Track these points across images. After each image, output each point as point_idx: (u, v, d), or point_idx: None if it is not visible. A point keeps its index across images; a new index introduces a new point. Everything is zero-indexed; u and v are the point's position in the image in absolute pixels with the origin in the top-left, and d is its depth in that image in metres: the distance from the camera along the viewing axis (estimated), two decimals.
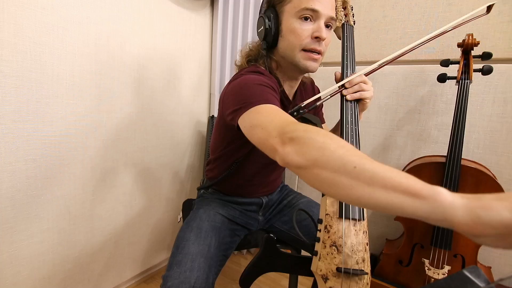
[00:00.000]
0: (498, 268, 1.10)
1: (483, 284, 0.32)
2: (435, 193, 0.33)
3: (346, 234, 0.58)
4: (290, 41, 0.71)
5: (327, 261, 0.58)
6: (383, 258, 1.13)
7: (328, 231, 0.59)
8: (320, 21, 0.69)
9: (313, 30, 0.69)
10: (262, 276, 1.44)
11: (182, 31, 1.30)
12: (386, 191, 0.35)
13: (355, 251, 0.58)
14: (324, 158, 0.40)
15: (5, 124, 0.81)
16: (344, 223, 0.59)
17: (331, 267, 0.57)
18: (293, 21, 0.69)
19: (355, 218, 0.59)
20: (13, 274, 0.90)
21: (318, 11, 0.67)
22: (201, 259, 0.68)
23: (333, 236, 0.58)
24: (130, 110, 1.13)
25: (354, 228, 0.59)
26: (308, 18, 0.69)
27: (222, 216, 0.85)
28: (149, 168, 1.26)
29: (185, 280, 0.63)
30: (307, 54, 0.70)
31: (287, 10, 0.71)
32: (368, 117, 1.34)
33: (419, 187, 0.34)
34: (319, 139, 0.42)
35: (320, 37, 0.69)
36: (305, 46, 0.70)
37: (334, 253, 0.58)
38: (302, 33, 0.69)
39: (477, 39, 0.96)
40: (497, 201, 0.30)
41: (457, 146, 0.95)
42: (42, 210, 0.93)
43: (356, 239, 0.59)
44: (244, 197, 0.93)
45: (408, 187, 0.34)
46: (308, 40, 0.69)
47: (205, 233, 0.75)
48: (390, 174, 0.36)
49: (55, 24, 0.88)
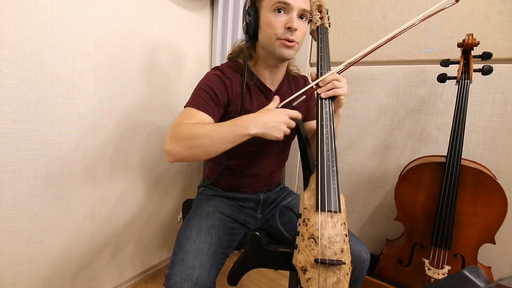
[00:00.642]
0: (498, 268, 1.10)
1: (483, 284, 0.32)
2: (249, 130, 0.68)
3: (323, 226, 0.61)
4: (267, 32, 0.79)
5: (306, 253, 0.60)
6: (383, 258, 1.13)
7: (306, 224, 0.62)
8: (293, 13, 0.76)
9: (286, 21, 0.76)
10: (262, 276, 1.44)
11: (182, 31, 1.30)
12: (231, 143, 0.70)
13: (332, 242, 0.60)
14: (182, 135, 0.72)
15: (5, 124, 0.81)
16: (321, 216, 0.61)
17: (309, 259, 0.59)
18: (269, 14, 0.77)
19: (331, 210, 0.62)
20: (13, 274, 0.90)
21: (290, 4, 0.75)
22: (203, 257, 0.69)
23: (311, 228, 0.61)
24: (130, 110, 1.13)
25: (332, 220, 0.62)
26: (281, 10, 0.76)
27: (221, 214, 0.86)
28: (149, 168, 1.26)
29: (188, 277, 0.64)
30: (281, 42, 0.78)
31: (264, 5, 0.78)
32: (368, 117, 1.34)
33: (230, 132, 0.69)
34: (182, 130, 0.72)
35: (291, 27, 0.75)
36: (280, 36, 0.77)
37: (312, 245, 0.60)
38: (276, 24, 0.77)
39: (477, 39, 0.96)
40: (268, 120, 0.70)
41: (457, 146, 0.95)
42: (42, 210, 0.93)
43: (333, 231, 0.61)
44: (242, 192, 0.95)
45: (227, 136, 0.69)
46: (281, 31, 0.77)
47: (205, 231, 0.77)
48: (220, 132, 0.69)
49: (55, 24, 0.88)
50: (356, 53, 0.79)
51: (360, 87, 1.34)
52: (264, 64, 0.87)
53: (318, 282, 0.58)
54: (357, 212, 1.41)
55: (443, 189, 0.96)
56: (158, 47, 1.20)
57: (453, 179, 0.94)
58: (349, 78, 1.34)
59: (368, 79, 1.32)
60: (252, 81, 0.86)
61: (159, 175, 1.32)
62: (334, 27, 1.39)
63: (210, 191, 0.98)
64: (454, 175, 0.94)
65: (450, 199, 0.95)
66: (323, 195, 0.63)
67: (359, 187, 1.39)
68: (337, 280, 0.59)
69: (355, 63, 0.79)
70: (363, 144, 1.36)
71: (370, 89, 1.32)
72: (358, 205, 1.40)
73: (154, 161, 1.28)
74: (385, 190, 1.32)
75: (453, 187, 0.94)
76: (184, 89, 1.36)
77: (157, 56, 1.20)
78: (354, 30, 1.34)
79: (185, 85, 1.36)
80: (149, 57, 1.17)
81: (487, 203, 0.93)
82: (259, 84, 0.88)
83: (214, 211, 0.86)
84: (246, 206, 0.95)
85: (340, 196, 0.65)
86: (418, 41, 1.20)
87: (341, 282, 0.59)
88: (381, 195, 1.33)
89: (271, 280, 1.42)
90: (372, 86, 1.32)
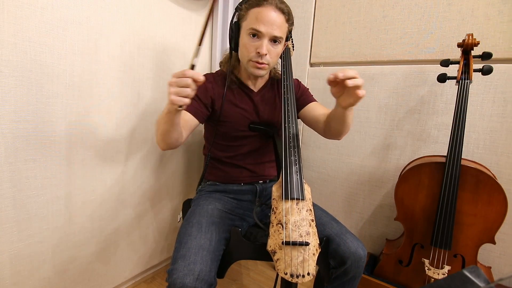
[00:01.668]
0: (498, 268, 1.10)
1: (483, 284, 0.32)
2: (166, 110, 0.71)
3: (290, 212, 0.68)
4: (242, 52, 0.89)
5: (275, 237, 0.67)
6: (383, 258, 1.13)
7: (275, 212, 0.70)
8: (263, 40, 0.84)
9: (257, 47, 0.85)
10: (262, 276, 1.44)
11: (182, 31, 1.30)
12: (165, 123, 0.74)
13: (298, 226, 0.67)
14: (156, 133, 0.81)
15: (5, 124, 0.81)
16: (285, 204, 0.69)
17: (277, 242, 0.66)
18: (245, 36, 0.86)
19: (295, 198, 0.70)
20: (13, 274, 0.90)
21: (261, 32, 0.83)
22: (204, 253, 0.71)
23: (279, 215, 0.69)
24: (130, 110, 1.13)
25: (297, 207, 0.69)
26: (255, 35, 0.84)
27: (220, 211, 0.88)
28: (149, 168, 1.26)
29: (190, 272, 0.66)
30: (253, 64, 0.88)
31: (243, 26, 0.87)
32: (368, 117, 1.34)
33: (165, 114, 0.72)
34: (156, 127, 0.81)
35: (260, 53, 0.84)
36: (251, 58, 0.87)
37: (280, 230, 0.67)
38: (249, 48, 0.86)
39: (477, 39, 0.96)
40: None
41: (457, 146, 0.95)
42: (42, 210, 0.93)
43: (299, 216, 0.68)
44: (238, 183, 1.00)
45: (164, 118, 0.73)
46: (253, 54, 0.86)
47: (205, 228, 0.79)
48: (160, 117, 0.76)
49: (55, 24, 0.88)
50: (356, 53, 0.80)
51: None
52: (245, 73, 0.97)
53: (285, 262, 0.65)
54: (357, 212, 1.41)
55: (443, 189, 0.96)
56: (158, 47, 1.20)
57: (453, 179, 0.94)
58: None
59: (368, 79, 1.32)
60: (235, 85, 0.97)
61: (159, 175, 1.32)
62: (333, 27, 1.39)
63: (208, 187, 1.02)
64: (454, 175, 0.94)
65: (450, 199, 0.95)
66: (287, 185, 0.72)
67: (359, 187, 1.39)
68: (303, 259, 0.65)
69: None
70: (363, 144, 1.36)
71: (370, 89, 1.32)
72: (358, 205, 1.40)
73: (154, 161, 1.28)
74: (385, 190, 1.32)
75: (453, 187, 0.94)
76: None
77: (157, 56, 1.20)
78: (354, 30, 1.34)
79: None
80: (149, 57, 1.17)
81: (487, 203, 0.93)
82: (242, 86, 0.99)
83: (213, 209, 0.88)
84: (244, 199, 0.99)
85: (303, 185, 0.73)
86: (418, 41, 1.20)
87: (306, 261, 0.65)
88: (381, 195, 1.33)
89: (271, 280, 1.42)
90: (372, 86, 1.32)
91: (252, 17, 0.83)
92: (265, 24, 0.82)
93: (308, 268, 0.64)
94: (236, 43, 0.91)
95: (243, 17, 0.86)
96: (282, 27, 0.85)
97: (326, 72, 1.43)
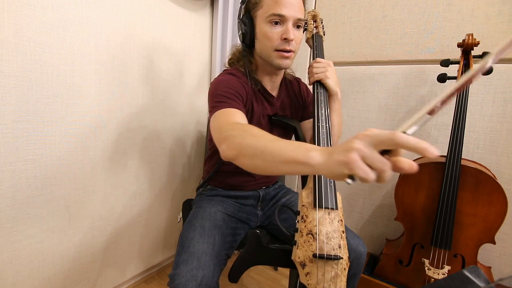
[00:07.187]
0: (498, 268, 1.10)
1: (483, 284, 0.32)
2: (308, 158, 0.43)
3: (321, 223, 0.63)
4: (263, 43, 0.80)
5: (304, 248, 0.62)
6: (383, 258, 1.13)
7: (305, 220, 0.64)
8: (288, 23, 0.76)
9: (282, 33, 0.77)
10: (262, 276, 1.44)
11: (182, 31, 1.30)
12: (285, 164, 0.47)
13: (330, 238, 0.62)
14: (243, 150, 0.54)
15: (5, 124, 0.81)
16: (318, 213, 0.64)
17: (308, 254, 0.61)
18: (264, 25, 0.78)
19: (328, 207, 0.65)
20: (13, 274, 0.90)
21: (285, 15, 0.75)
22: (206, 257, 0.70)
23: (309, 225, 0.63)
24: (130, 110, 1.13)
25: (329, 217, 0.64)
26: (277, 22, 0.77)
27: (223, 214, 0.87)
28: (149, 168, 1.26)
29: (192, 278, 0.65)
30: (279, 54, 0.79)
31: (259, 15, 0.79)
32: (368, 117, 1.34)
33: (300, 157, 0.45)
34: (239, 134, 0.57)
35: (288, 38, 0.76)
36: (277, 47, 0.78)
37: (311, 241, 0.62)
38: (272, 36, 0.77)
39: (477, 39, 0.96)
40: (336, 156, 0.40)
41: (457, 146, 0.95)
42: (42, 210, 0.93)
43: (331, 227, 0.63)
44: (241, 190, 0.95)
45: (294, 158, 0.45)
46: (278, 42, 0.78)
47: (208, 231, 0.77)
48: (284, 151, 0.47)
49: (55, 24, 0.88)
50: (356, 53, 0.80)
51: (360, 87, 1.34)
52: (263, 71, 0.88)
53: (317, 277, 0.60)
54: (357, 212, 1.41)
55: (443, 189, 0.96)
56: (158, 47, 1.20)
57: (453, 179, 0.94)
58: (349, 78, 1.36)
59: (368, 79, 1.32)
60: (257, 87, 0.86)
61: (159, 175, 1.32)
62: (333, 27, 1.39)
63: (209, 192, 0.98)
64: (454, 175, 0.94)
65: (450, 199, 0.95)
66: (320, 192, 0.66)
67: (359, 187, 1.39)
68: (335, 274, 0.61)
69: None
70: None
71: (370, 89, 1.32)
72: (358, 205, 1.40)
73: (154, 161, 1.28)
74: (385, 190, 1.32)
75: (453, 187, 0.94)
76: (184, 88, 1.36)
77: (157, 56, 1.20)
78: (354, 30, 1.34)
79: (185, 85, 1.36)
80: (149, 57, 1.17)
81: (487, 203, 0.93)
82: (263, 90, 0.89)
83: (216, 212, 0.86)
84: (247, 204, 0.96)
85: (336, 193, 0.68)
86: (418, 41, 1.20)
87: (339, 277, 0.61)
88: (381, 195, 1.33)
89: (271, 280, 1.42)
90: (372, 86, 1.32)
91: (270, 2, 0.76)
92: (287, 7, 0.75)
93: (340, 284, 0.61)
94: (251, 38, 0.82)
95: (257, 6, 0.79)
96: (303, 9, 0.79)
97: None
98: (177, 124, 1.35)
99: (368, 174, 0.36)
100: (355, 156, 0.36)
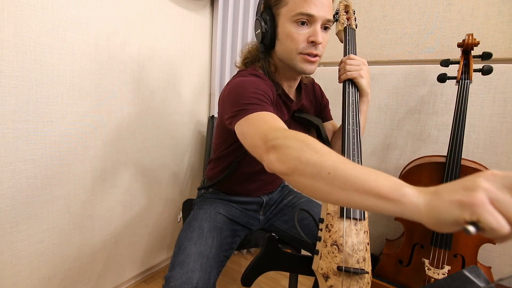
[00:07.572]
0: (498, 268, 1.10)
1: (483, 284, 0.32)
2: (400, 195, 0.34)
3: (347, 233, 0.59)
4: (287, 45, 0.71)
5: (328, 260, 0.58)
6: (383, 258, 1.13)
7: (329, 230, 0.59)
8: (316, 25, 0.68)
9: (309, 35, 0.68)
10: (262, 276, 1.44)
11: (182, 31, 1.30)
12: (360, 195, 0.37)
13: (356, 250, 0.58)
14: (301, 166, 0.43)
15: (5, 124, 0.81)
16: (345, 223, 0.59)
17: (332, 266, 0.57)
18: (289, 25, 0.69)
19: (356, 218, 0.60)
20: (13, 274, 0.90)
21: (314, 15, 0.66)
22: (203, 260, 0.68)
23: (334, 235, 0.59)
24: (130, 110, 1.13)
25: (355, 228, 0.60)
26: (304, 23, 0.68)
27: (223, 216, 0.85)
28: (149, 168, 1.26)
29: (188, 281, 0.63)
30: (304, 57, 0.70)
31: (283, 13, 0.70)
32: (368, 117, 1.33)
33: (386, 190, 0.35)
34: (297, 146, 0.45)
35: (316, 42, 0.68)
36: (302, 50, 0.70)
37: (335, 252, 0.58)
38: (298, 37, 0.68)
39: (477, 39, 0.96)
40: (449, 196, 0.32)
41: (457, 146, 0.95)
42: (42, 210, 0.93)
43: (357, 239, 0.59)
44: (245, 196, 0.93)
45: (378, 191, 0.36)
46: (304, 45, 0.69)
47: (206, 233, 0.75)
48: (362, 178, 0.38)
49: (55, 24, 0.88)
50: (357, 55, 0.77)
51: None
52: (282, 75, 0.80)
53: None
54: None
55: None
56: (158, 47, 1.20)
57: (453, 179, 0.94)
58: None
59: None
60: (277, 91, 0.77)
61: (159, 175, 1.32)
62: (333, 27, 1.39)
63: (211, 194, 0.95)
64: (454, 175, 0.94)
65: None
66: None
67: None
68: None
69: None
70: (363, 144, 1.36)
71: (370, 89, 1.31)
72: None
73: (154, 161, 1.28)
74: None
75: None
76: (184, 89, 1.36)
77: (157, 56, 1.20)
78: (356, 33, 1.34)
79: (185, 85, 1.36)
80: (149, 57, 1.17)
81: None
82: (283, 95, 0.80)
83: (217, 213, 0.84)
84: (249, 209, 0.93)
85: None
86: (418, 41, 1.20)
87: None
88: None
89: (271, 280, 1.42)
90: (372, 86, 1.32)
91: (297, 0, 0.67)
92: (317, 6, 0.66)
93: None
94: (272, 38, 0.73)
95: (281, 2, 0.69)
96: (332, 9, 0.71)
97: (326, 72, 1.43)
98: (177, 124, 1.35)
99: (500, 223, 0.28)
100: (483, 196, 0.29)
